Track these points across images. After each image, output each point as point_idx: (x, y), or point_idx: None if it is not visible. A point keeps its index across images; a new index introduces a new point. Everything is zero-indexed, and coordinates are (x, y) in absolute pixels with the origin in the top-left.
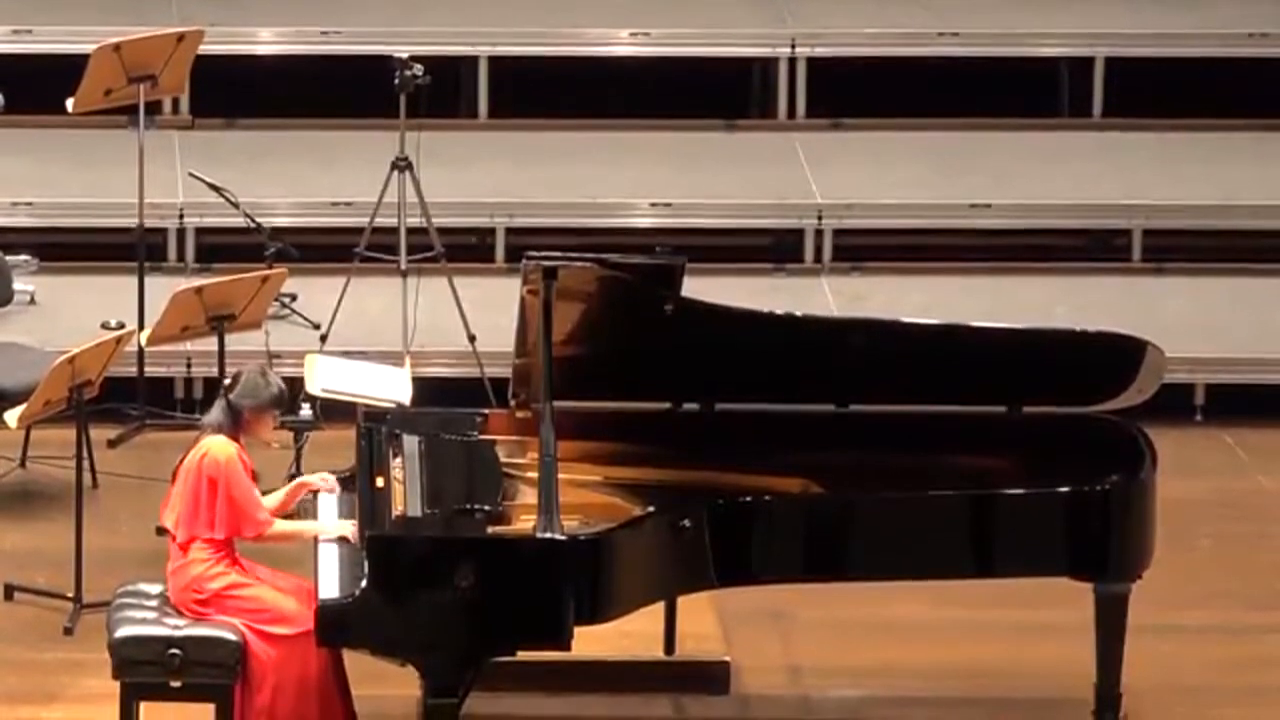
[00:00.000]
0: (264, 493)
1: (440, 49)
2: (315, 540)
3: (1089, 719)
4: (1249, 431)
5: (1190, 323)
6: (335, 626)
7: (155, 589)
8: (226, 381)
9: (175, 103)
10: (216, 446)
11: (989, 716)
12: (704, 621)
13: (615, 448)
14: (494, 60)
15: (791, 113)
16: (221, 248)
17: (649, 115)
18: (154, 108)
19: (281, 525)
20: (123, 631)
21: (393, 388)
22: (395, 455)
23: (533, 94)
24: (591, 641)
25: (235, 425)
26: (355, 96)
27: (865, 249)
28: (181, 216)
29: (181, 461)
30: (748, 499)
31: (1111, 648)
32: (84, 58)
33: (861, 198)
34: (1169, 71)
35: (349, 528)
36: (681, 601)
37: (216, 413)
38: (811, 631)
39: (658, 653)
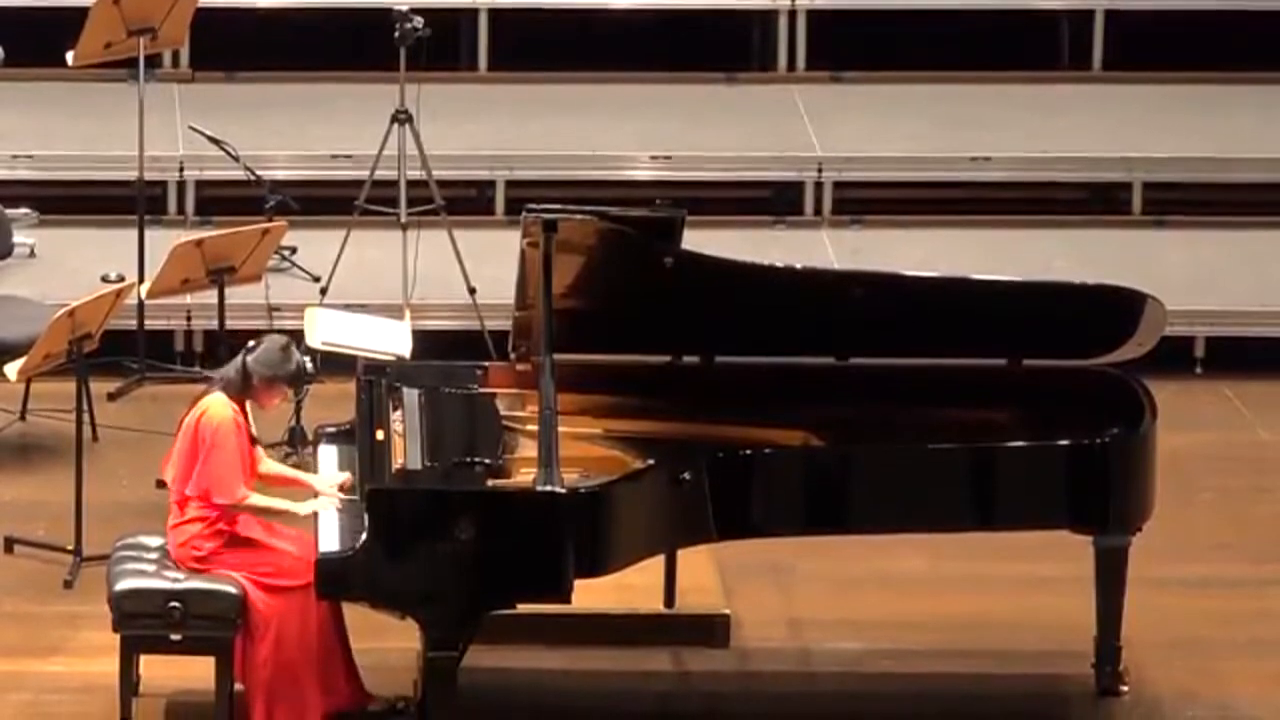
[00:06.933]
0: (265, 447)
1: (440, 1)
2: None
3: (1089, 671)
4: (1248, 384)
5: (1190, 276)
6: (335, 579)
7: (155, 542)
8: (250, 343)
9: (175, 55)
10: (215, 407)
11: (989, 669)
12: (704, 574)
13: (615, 401)
14: (494, 12)
15: (792, 65)
16: (221, 200)
17: (649, 68)
18: (154, 60)
19: (257, 499)
20: (123, 584)
21: (393, 341)
22: (395, 408)
23: (533, 47)
24: (592, 594)
25: (244, 389)
26: (355, 49)
27: (865, 202)
28: (181, 169)
29: (184, 416)
30: (748, 452)
31: (1111, 600)
32: (84, 10)
33: (861, 151)
34: (1169, 24)
35: (326, 503)
36: (682, 554)
37: (231, 371)
38: (812, 584)
39: (658, 606)
